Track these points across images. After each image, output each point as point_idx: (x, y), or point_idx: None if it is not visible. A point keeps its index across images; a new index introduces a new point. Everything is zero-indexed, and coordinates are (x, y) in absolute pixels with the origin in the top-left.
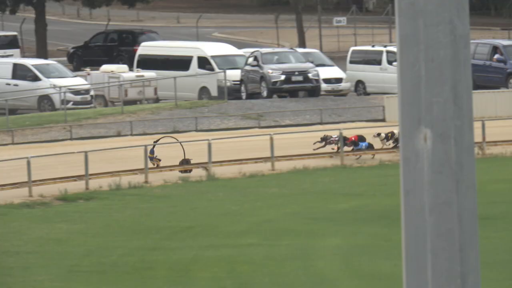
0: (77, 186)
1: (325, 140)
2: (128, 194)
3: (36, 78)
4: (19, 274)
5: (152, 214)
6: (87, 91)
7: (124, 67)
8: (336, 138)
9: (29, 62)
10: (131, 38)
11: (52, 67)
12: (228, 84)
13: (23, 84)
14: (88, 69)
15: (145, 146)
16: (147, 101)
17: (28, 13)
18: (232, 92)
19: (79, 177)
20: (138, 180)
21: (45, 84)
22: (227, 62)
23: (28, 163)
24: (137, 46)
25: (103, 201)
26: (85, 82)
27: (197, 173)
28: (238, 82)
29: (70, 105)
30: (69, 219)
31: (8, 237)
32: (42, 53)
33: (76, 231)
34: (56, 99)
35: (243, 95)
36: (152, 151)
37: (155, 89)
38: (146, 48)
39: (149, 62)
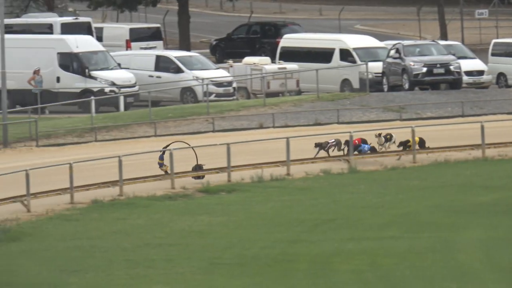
0: (219, 178)
1: (320, 146)
2: (270, 187)
3: (179, 70)
4: (161, 266)
5: (294, 206)
6: (229, 83)
7: (267, 59)
8: (334, 143)
9: (172, 54)
10: (274, 30)
11: (194, 59)
12: (370, 76)
13: (166, 76)
14: (230, 61)
15: (287, 138)
16: (289, 93)
17: (171, 5)
18: (373, 84)
19: (221, 169)
20: (280, 172)
21: (188, 76)
22: (369, 54)
23: (171, 155)
24: (279, 38)
25: (245, 193)
26: (228, 74)
27: (339, 165)
28: (380, 75)
29: (212, 97)
30: (211, 211)
31: (151, 229)
32: (185, 45)
33: (218, 223)
34: (199, 91)
35: (385, 87)
36: (161, 157)
37: (297, 81)
38: (288, 40)
39: (291, 54)
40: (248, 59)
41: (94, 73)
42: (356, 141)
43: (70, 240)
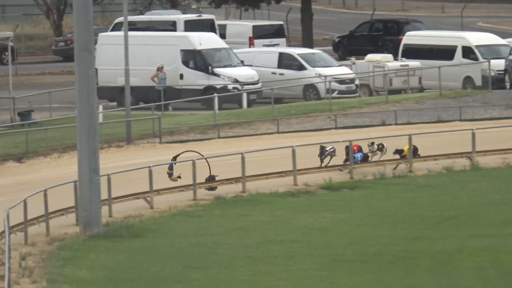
0: (342, 175)
1: (322, 151)
2: (392, 184)
3: (301, 67)
4: (284, 262)
5: (416, 203)
6: (352, 80)
7: (389, 56)
8: (332, 150)
9: (295, 51)
10: (396, 28)
11: (317, 56)
12: (492, 73)
13: (288, 73)
14: (353, 59)
15: (409, 135)
16: (411, 90)
17: (294, 3)
18: (495, 82)
19: (343, 166)
20: (402, 170)
21: (311, 73)
22: (491, 51)
23: (293, 152)
24: (402, 36)
25: (367, 190)
26: (350, 71)
27: (461, 162)
28: (502, 72)
29: (335, 94)
30: (334, 208)
31: (273, 226)
32: (307, 42)
33: (340, 220)
34: (321, 88)
35: (507, 84)
36: (171, 167)
37: (420, 79)
38: (410, 37)
39: (413, 52)
40: (370, 56)
41: (217, 70)
42: (355, 148)
43: (193, 236)
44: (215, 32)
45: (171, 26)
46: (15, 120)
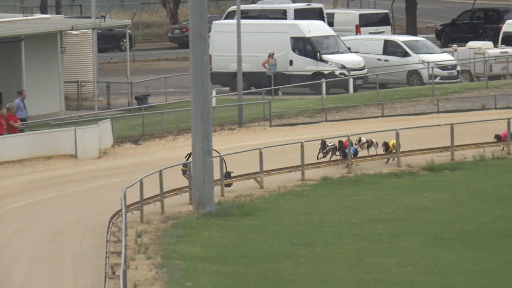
0: (443, 157)
1: (323, 146)
2: (491, 165)
3: (405, 54)
4: (387, 240)
5: None
6: (454, 67)
7: (489, 43)
8: (332, 146)
9: (399, 38)
10: (496, 16)
11: (421, 44)
12: None
13: (393, 59)
14: (455, 46)
15: (508, 119)
16: (511, 76)
17: None
18: None
19: (445, 149)
20: (501, 152)
21: (414, 60)
22: None
23: (397, 135)
24: (501, 24)
25: (467, 171)
26: (452, 58)
27: None
28: None
29: (437, 79)
30: (435, 188)
31: (378, 205)
32: (411, 30)
33: (441, 200)
34: (424, 74)
35: None
36: (185, 164)
37: None
38: (510, 25)
39: None
40: (471, 44)
41: (325, 57)
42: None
43: (301, 215)
44: (324, 20)
45: (282, 14)
46: (133, 104)
